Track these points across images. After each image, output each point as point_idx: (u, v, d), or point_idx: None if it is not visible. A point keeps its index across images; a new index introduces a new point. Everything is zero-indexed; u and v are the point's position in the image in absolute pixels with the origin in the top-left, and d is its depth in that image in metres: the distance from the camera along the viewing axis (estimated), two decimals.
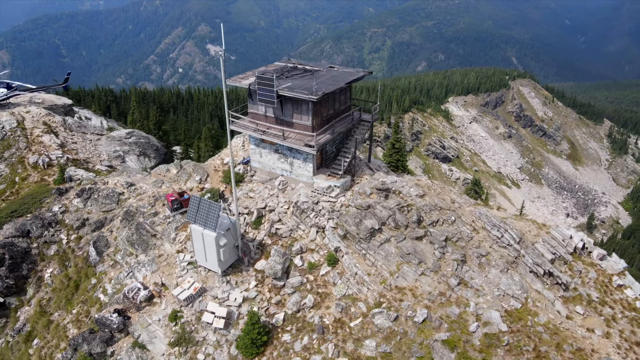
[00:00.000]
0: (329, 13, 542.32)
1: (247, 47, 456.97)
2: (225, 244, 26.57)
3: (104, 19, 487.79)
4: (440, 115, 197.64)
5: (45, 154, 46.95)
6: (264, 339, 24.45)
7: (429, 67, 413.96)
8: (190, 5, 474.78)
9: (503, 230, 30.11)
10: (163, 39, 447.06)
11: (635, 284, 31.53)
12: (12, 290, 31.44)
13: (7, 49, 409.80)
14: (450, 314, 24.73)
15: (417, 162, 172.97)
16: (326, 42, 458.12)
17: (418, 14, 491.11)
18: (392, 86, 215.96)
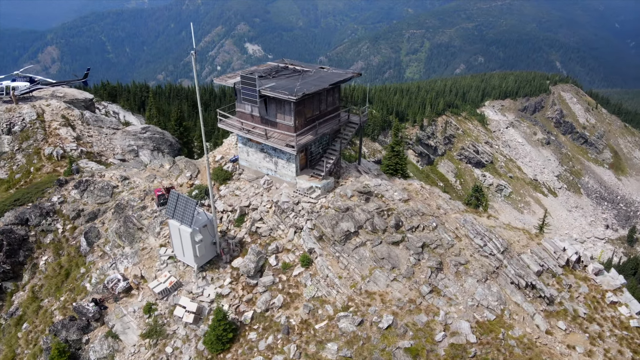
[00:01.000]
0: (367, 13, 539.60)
1: (284, 47, 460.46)
2: (201, 240, 27.00)
3: (148, 16, 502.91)
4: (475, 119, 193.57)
5: (60, 145, 48.85)
6: (229, 335, 24.70)
7: (467, 70, 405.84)
8: (230, 4, 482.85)
9: (487, 239, 29.29)
10: (203, 37, 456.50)
11: (633, 301, 30.15)
12: (9, 276, 32.92)
13: (57, 44, 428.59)
14: (417, 322, 24.28)
15: (448, 166, 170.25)
16: (363, 42, 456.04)
17: (459, 15, 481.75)
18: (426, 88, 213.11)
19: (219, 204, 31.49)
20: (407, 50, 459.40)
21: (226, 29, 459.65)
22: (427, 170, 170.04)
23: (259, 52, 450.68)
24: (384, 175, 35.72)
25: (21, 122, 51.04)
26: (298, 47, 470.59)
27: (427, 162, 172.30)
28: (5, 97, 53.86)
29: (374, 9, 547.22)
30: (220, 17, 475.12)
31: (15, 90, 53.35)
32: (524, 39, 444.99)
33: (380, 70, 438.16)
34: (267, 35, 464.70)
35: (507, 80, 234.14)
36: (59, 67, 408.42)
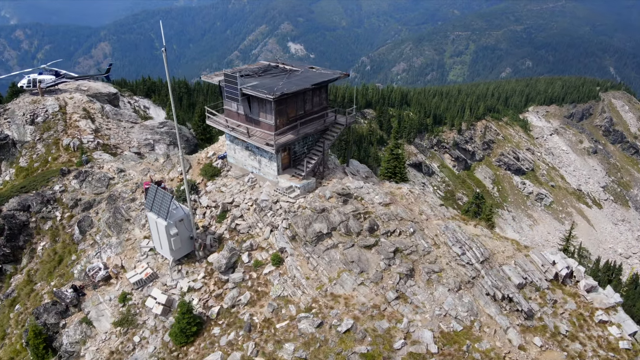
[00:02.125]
0: (411, 14, 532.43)
1: (326, 46, 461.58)
2: (177, 234, 27.58)
3: (196, 14, 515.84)
4: (517, 125, 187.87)
5: (77, 137, 51.03)
6: (193, 329, 25.11)
7: (514, 74, 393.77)
8: (275, 4, 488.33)
9: (467, 247, 28.46)
10: (247, 35, 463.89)
11: (628, 322, 28.66)
12: (9, 259, 34.73)
13: (109, 41, 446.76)
14: (378, 328, 23.90)
15: (486, 172, 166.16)
16: (406, 43, 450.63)
17: (507, 17, 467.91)
18: (467, 92, 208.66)
19: (204, 200, 32.05)
20: (452, 53, 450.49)
21: (270, 27, 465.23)
22: (464, 176, 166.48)
23: (301, 52, 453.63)
24: (374, 178, 35.31)
25: (44, 114, 53.62)
26: (340, 47, 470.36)
27: (464, 167, 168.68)
28: (33, 90, 56.71)
29: (419, 10, 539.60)
30: (265, 16, 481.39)
31: (41, 83, 56.08)
32: (576, 42, 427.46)
33: (423, 72, 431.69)
34: (310, 34, 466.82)
35: (554, 85, 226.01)
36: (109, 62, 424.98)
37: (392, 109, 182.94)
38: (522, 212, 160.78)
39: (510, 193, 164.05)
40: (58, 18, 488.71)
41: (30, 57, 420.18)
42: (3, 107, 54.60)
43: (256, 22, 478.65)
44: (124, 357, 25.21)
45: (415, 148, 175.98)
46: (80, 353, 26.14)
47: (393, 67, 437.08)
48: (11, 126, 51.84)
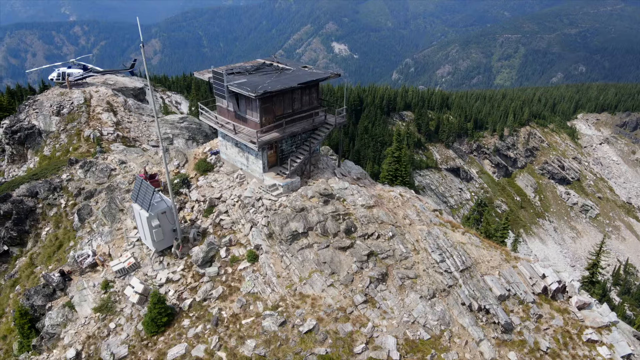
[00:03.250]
0: (459, 16, 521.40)
1: (370, 47, 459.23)
2: (159, 226, 28.27)
3: (243, 13, 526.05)
4: (564, 132, 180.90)
5: (98, 129, 53.12)
6: (164, 319, 25.66)
7: (565, 79, 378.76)
8: (321, 4, 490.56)
9: (448, 255, 27.71)
10: (292, 35, 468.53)
11: (622, 343, 27.27)
12: (16, 242, 36.60)
13: (159, 37, 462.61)
14: (340, 331, 23.66)
15: (528, 180, 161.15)
16: (452, 46, 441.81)
17: (560, 20, 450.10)
18: (512, 97, 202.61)
19: (194, 194, 32.68)
20: (500, 56, 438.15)
21: (315, 27, 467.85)
22: (504, 183, 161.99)
23: (345, 52, 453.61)
24: (367, 180, 34.87)
25: (69, 106, 56.11)
26: (384, 48, 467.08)
27: (505, 174, 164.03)
28: (62, 83, 59.47)
29: (467, 11, 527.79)
30: (310, 15, 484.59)
31: (70, 76, 58.74)
32: (635, 48, 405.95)
33: (468, 75, 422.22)
34: (355, 35, 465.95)
35: (607, 92, 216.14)
36: (159, 58, 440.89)
37: (431, 112, 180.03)
38: (564, 223, 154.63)
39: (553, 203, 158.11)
40: (114, 15, 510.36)
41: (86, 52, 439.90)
42: (33, 98, 57.58)
43: (301, 21, 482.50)
44: (99, 342, 26.06)
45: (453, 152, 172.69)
46: (60, 335, 27.24)
47: (438, 69, 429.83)
48: (39, 116, 54.54)
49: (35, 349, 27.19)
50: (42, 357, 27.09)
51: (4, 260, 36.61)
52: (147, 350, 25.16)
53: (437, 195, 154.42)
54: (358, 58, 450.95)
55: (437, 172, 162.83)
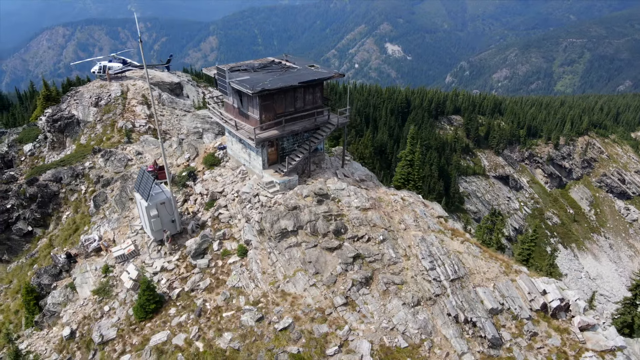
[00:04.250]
0: (521, 18, 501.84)
1: (425, 49, 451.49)
2: (157, 216, 29.21)
3: (298, 13, 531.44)
4: (627, 144, 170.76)
5: (131, 121, 55.45)
6: (152, 306, 26.52)
7: (634, 87, 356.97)
8: (376, 4, 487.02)
9: (439, 263, 26.97)
10: (345, 35, 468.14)
11: None
12: (39, 223, 38.91)
13: (217, 35, 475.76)
14: (315, 331, 23.57)
15: (583, 193, 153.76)
16: (511, 49, 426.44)
17: (631, 25, 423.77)
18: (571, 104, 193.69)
19: (198, 187, 33.51)
20: (562, 61, 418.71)
21: (369, 28, 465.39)
22: (556, 194, 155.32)
23: (398, 53, 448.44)
24: (371, 182, 34.38)
25: (107, 97, 58.87)
26: (439, 50, 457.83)
27: (558, 184, 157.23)
28: (103, 75, 62.48)
29: (529, 14, 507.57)
30: (365, 15, 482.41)
31: (110, 69, 61.61)
32: None
33: (527, 80, 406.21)
34: (409, 36, 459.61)
35: None
36: (215, 55, 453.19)
37: (482, 117, 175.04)
38: (622, 240, 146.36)
39: (610, 218, 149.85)
40: (175, 13, 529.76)
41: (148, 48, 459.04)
42: (75, 89, 60.86)
43: (355, 21, 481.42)
44: (92, 323, 27.29)
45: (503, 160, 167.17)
46: (60, 314, 28.74)
47: (494, 73, 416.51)
48: (78, 107, 57.59)
49: (37, 325, 28.82)
50: (43, 333, 28.69)
51: (28, 240, 38.99)
52: (133, 335, 26.10)
53: (483, 203, 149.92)
54: (411, 60, 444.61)
55: (485, 179, 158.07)
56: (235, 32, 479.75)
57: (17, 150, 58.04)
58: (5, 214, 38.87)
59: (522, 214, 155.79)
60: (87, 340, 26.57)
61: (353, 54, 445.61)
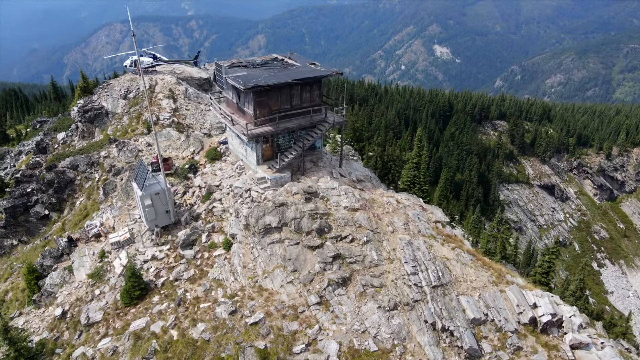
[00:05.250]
0: (579, 22, 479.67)
1: (474, 51, 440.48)
2: (151, 205, 30.03)
3: (346, 13, 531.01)
4: None
5: (156, 113, 57.17)
6: (137, 293, 27.30)
7: None
8: (426, 5, 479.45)
9: (423, 268, 26.31)
10: (393, 35, 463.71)
11: None
12: (55, 208, 40.83)
13: (265, 33, 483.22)
14: (284, 328, 23.55)
15: (636, 207, 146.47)
16: (567, 54, 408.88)
17: None
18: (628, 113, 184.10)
19: (197, 180, 34.19)
20: (622, 67, 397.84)
21: (417, 29, 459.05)
22: (606, 207, 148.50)
23: (447, 55, 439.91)
24: (369, 183, 33.91)
25: (136, 90, 60.93)
26: (490, 53, 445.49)
27: (608, 197, 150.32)
28: (134, 69, 64.75)
29: (589, 17, 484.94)
30: (414, 17, 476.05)
31: (141, 64, 63.73)
32: None
33: (583, 87, 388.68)
34: (459, 38, 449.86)
35: None
36: (263, 53, 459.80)
37: (528, 124, 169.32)
38: None
39: None
40: (227, 11, 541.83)
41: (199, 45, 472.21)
42: (107, 82, 63.37)
43: (404, 22, 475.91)
44: (83, 305, 28.39)
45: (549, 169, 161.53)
46: (56, 294, 30.07)
47: (547, 78, 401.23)
48: (108, 99, 59.94)
49: (35, 304, 30.29)
50: (40, 311, 30.12)
51: (44, 223, 41.00)
52: (117, 319, 26.95)
53: (525, 212, 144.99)
54: (460, 62, 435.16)
55: (528, 188, 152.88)
56: (283, 31, 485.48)
57: (51, 138, 61.11)
58: (25, 197, 41.07)
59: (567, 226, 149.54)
60: (76, 322, 27.66)
61: (400, 55, 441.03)
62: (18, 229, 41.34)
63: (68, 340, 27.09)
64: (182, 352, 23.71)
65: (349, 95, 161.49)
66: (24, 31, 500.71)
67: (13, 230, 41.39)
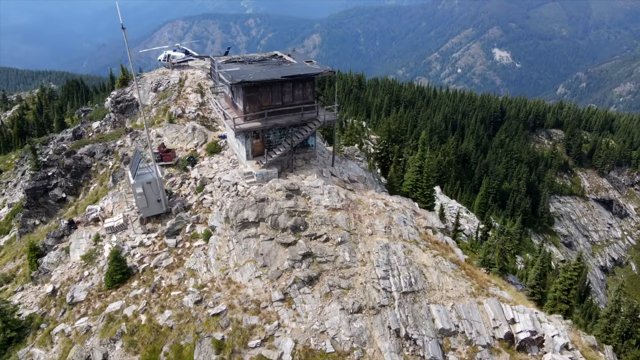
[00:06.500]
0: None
1: (537, 56, 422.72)
2: (142, 194, 31.04)
3: (403, 14, 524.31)
4: None
5: (182, 107, 58.96)
6: (118, 276, 28.33)
7: None
8: (487, 7, 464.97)
9: (395, 273, 25.67)
10: (450, 38, 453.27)
11: None
12: (72, 192, 43.04)
13: (320, 33, 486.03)
14: (244, 322, 23.67)
15: None
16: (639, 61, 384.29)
17: None
18: None
19: (194, 172, 34.98)
20: None
21: (476, 31, 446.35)
22: None
23: (506, 60, 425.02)
24: (363, 184, 33.39)
25: (166, 84, 63.04)
26: (553, 58, 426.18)
27: None
28: (167, 64, 67.02)
29: None
30: (474, 19, 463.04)
31: (173, 58, 65.91)
32: None
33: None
34: (520, 42, 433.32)
35: None
36: (317, 52, 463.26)
37: (587, 134, 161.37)
38: None
39: None
40: (284, 10, 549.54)
41: (255, 43, 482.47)
42: (140, 75, 65.94)
43: (463, 24, 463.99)
44: (71, 285, 29.79)
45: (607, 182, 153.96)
46: (51, 273, 31.72)
47: (616, 87, 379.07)
48: (139, 91, 62.38)
49: (33, 280, 32.09)
50: (37, 287, 31.89)
51: (61, 205, 43.32)
52: (98, 300, 28.07)
53: (577, 226, 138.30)
54: (520, 67, 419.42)
55: (583, 201, 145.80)
56: (339, 31, 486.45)
57: (87, 126, 64.40)
58: (46, 180, 43.57)
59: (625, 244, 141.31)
60: (62, 300, 29.06)
61: (456, 58, 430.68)
62: (39, 209, 43.93)
63: (53, 316, 28.52)
64: (146, 337, 24.41)
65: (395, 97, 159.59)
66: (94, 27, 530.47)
67: (34, 211, 44.02)
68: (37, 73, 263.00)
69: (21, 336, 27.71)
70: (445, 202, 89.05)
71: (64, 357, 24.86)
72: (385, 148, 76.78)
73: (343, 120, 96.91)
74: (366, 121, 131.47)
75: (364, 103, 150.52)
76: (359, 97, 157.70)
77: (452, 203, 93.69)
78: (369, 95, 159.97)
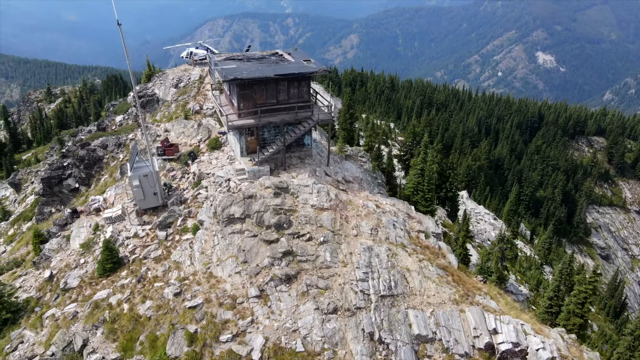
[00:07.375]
0: None
1: (583, 60, 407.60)
2: (139, 186, 31.78)
3: (443, 15, 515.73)
4: None
5: (200, 103, 60.04)
6: (109, 265, 29.12)
7: None
8: (532, 9, 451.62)
9: (375, 275, 25.35)
10: (492, 40, 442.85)
11: None
12: (84, 182, 44.53)
13: (358, 33, 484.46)
14: (218, 316, 23.91)
15: None
16: None
17: None
18: None
19: (193, 167, 35.54)
20: None
21: (519, 34, 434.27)
22: None
23: (550, 63, 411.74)
24: (358, 185, 33.03)
25: (187, 80, 64.30)
26: (600, 63, 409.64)
27: None
28: (189, 61, 68.38)
29: None
30: (517, 21, 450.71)
31: (195, 56, 67.19)
32: None
33: None
34: (566, 45, 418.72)
35: None
36: (354, 52, 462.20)
37: (632, 142, 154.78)
38: None
39: None
40: (323, 10, 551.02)
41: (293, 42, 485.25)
42: (162, 71, 67.50)
43: (505, 26, 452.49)
44: (68, 272, 30.82)
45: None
46: (51, 259, 32.91)
47: None
48: (161, 87, 63.87)
49: (34, 265, 33.38)
50: (38, 272, 33.16)
51: (74, 195, 44.90)
52: (89, 288, 28.94)
53: (616, 239, 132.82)
54: (565, 72, 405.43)
55: (624, 213, 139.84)
56: (377, 32, 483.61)
57: (110, 120, 66.46)
58: (61, 170, 45.25)
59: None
60: (57, 285, 30.10)
61: (497, 61, 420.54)
62: (54, 198, 45.68)
63: (47, 301, 29.56)
64: (125, 325, 25.01)
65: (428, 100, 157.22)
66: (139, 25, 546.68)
67: (50, 199, 45.81)
68: (83, 68, 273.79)
69: (16, 318, 28.86)
70: (472, 207, 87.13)
71: (50, 341, 25.75)
72: (408, 150, 75.71)
73: (363, 120, 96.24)
74: (395, 123, 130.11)
75: (395, 105, 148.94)
76: (390, 98, 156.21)
77: (480, 209, 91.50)
78: (401, 97, 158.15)
